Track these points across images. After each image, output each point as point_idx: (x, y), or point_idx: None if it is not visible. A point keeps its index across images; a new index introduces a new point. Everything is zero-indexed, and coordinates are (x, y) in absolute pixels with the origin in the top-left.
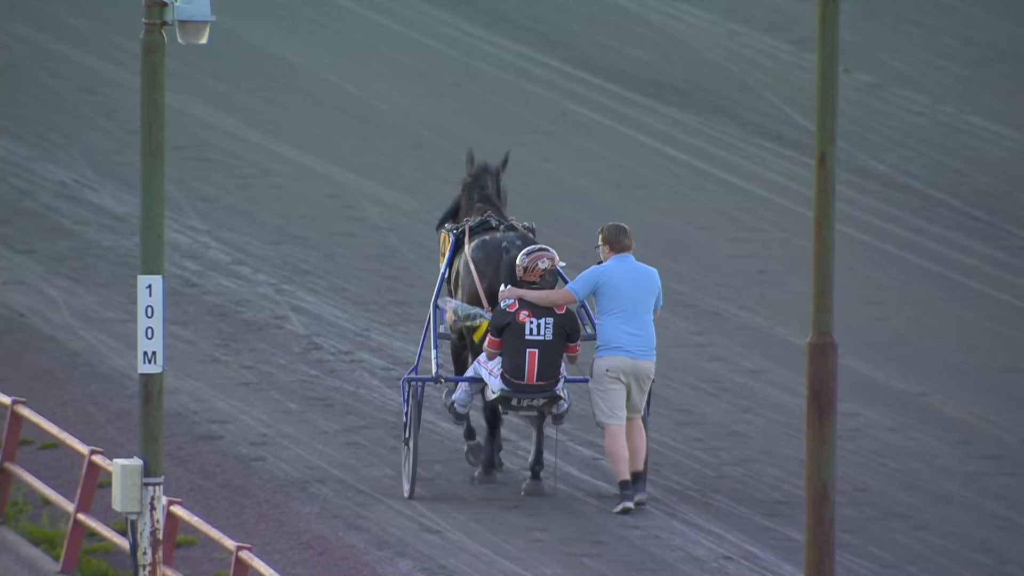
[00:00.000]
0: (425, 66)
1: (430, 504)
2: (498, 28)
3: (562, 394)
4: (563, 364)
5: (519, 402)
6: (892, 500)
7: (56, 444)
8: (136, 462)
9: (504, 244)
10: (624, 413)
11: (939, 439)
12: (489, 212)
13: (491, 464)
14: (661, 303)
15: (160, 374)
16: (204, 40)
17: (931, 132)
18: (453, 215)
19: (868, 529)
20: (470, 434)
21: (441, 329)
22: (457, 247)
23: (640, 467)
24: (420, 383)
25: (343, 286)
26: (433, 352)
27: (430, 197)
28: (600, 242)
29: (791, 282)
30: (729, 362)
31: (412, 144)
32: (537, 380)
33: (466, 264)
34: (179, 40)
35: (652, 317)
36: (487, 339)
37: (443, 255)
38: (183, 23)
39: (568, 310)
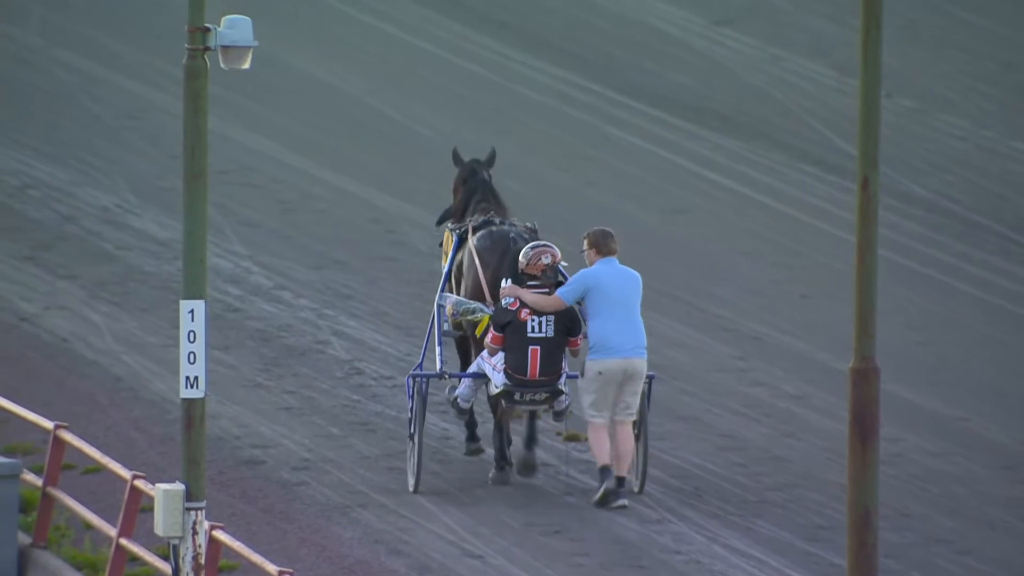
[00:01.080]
0: (466, 91)
1: (472, 529)
2: (540, 53)
3: (564, 389)
4: (565, 361)
5: (522, 396)
6: (934, 525)
7: (98, 469)
8: (178, 487)
9: (512, 235)
10: (609, 412)
11: (982, 464)
12: (492, 212)
13: (503, 457)
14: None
15: (202, 399)
16: (246, 65)
17: (973, 157)
18: (453, 212)
19: (910, 554)
20: (473, 437)
21: (445, 327)
22: (460, 244)
23: (624, 472)
24: (424, 379)
25: (385, 311)
26: (437, 349)
27: None
28: (586, 247)
29: (833, 307)
30: (771, 387)
31: (453, 169)
32: (540, 376)
33: (470, 255)
34: (222, 65)
35: (640, 318)
36: (489, 335)
37: (446, 253)
38: (225, 48)
39: (570, 307)
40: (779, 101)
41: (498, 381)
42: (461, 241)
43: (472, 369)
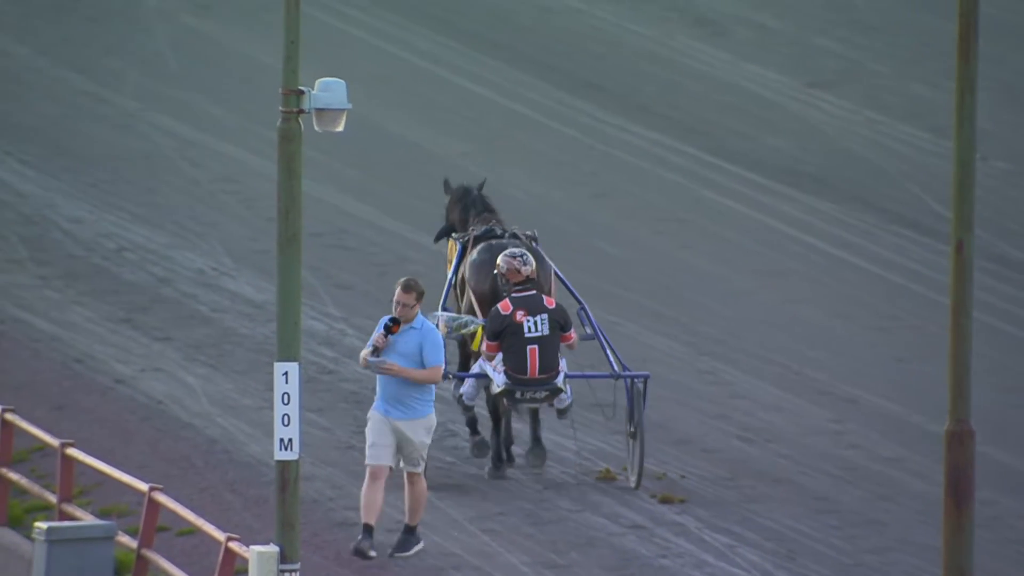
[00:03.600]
0: (561, 154)
1: None
2: (635, 116)
3: (563, 388)
4: (563, 360)
5: (523, 395)
6: None
7: (193, 531)
8: (272, 549)
9: (509, 248)
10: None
11: None
12: (494, 221)
13: (499, 458)
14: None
15: (296, 461)
16: (340, 128)
17: None
18: (450, 230)
19: None
20: (473, 428)
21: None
22: (463, 253)
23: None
24: None
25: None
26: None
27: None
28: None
29: (928, 369)
30: (866, 450)
31: (548, 232)
32: (539, 374)
33: (470, 267)
34: (316, 128)
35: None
36: (484, 344)
37: (450, 262)
38: (320, 111)
39: (558, 304)
40: (874, 164)
41: (499, 381)
42: (464, 250)
43: (475, 370)
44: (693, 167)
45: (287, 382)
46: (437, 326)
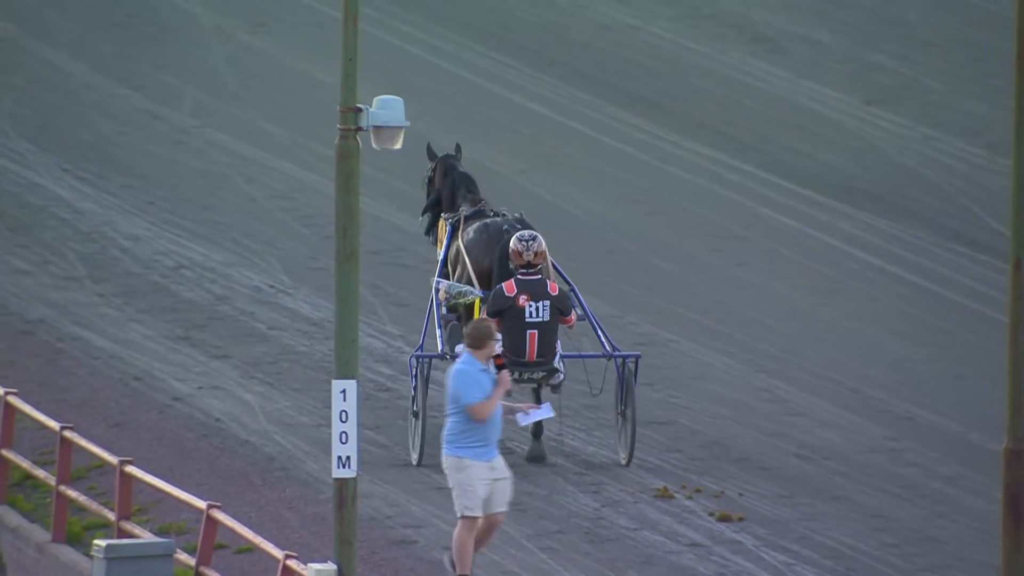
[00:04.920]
0: (618, 171)
1: None
2: (691, 133)
3: (559, 367)
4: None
5: (520, 375)
6: None
7: (251, 548)
8: (330, 567)
9: (505, 227)
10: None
11: None
12: (483, 202)
13: None
14: None
15: (354, 479)
16: (398, 146)
17: None
18: (436, 203)
19: None
20: None
21: (443, 311)
22: (453, 233)
23: None
24: (427, 360)
25: None
26: (438, 331)
27: (623, 301)
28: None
29: (986, 387)
30: (924, 468)
31: (605, 249)
32: (537, 357)
33: (469, 245)
34: (373, 146)
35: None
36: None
37: (441, 241)
38: (377, 129)
39: (561, 291)
40: (931, 181)
41: None
42: (454, 230)
43: None
44: (749, 184)
45: (345, 400)
46: (438, 291)
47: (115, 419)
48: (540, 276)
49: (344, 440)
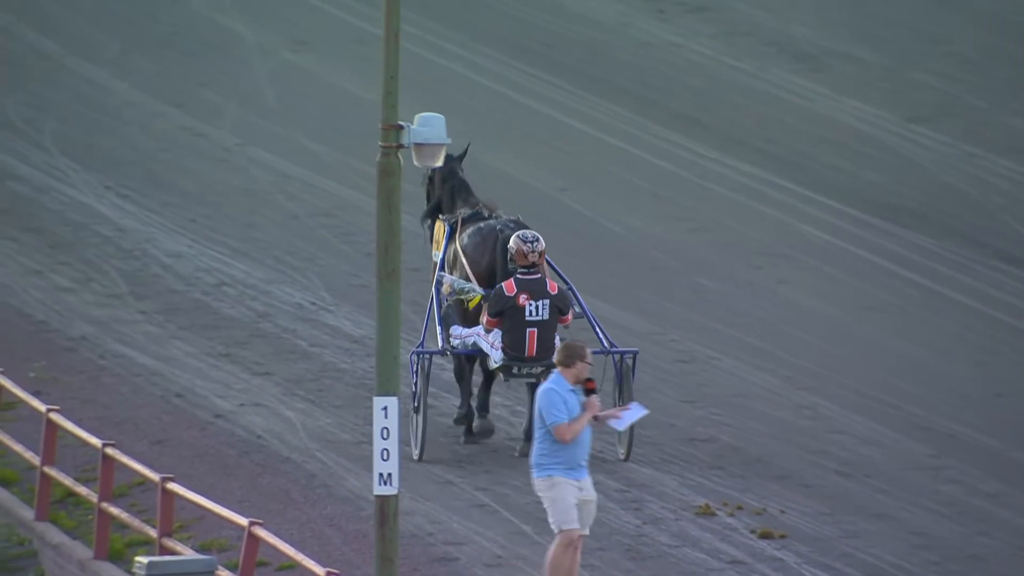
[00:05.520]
0: (659, 188)
1: None
2: (732, 151)
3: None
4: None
5: (519, 370)
6: None
7: (292, 565)
8: None
9: (499, 227)
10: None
11: None
12: (481, 204)
13: (484, 407)
14: None
15: (395, 496)
16: (439, 163)
17: None
18: (436, 209)
19: None
20: (468, 415)
21: (444, 307)
22: (452, 234)
23: None
24: (428, 356)
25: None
26: (438, 328)
27: (665, 319)
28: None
29: None
30: (966, 485)
31: (647, 267)
32: (536, 355)
33: (467, 246)
34: (415, 163)
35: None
36: (484, 317)
37: (438, 242)
38: (419, 146)
39: (560, 290)
40: (973, 199)
41: (496, 357)
42: (453, 231)
43: (470, 337)
44: (791, 201)
45: (386, 417)
46: (440, 286)
47: (157, 436)
48: (539, 275)
49: (385, 457)
